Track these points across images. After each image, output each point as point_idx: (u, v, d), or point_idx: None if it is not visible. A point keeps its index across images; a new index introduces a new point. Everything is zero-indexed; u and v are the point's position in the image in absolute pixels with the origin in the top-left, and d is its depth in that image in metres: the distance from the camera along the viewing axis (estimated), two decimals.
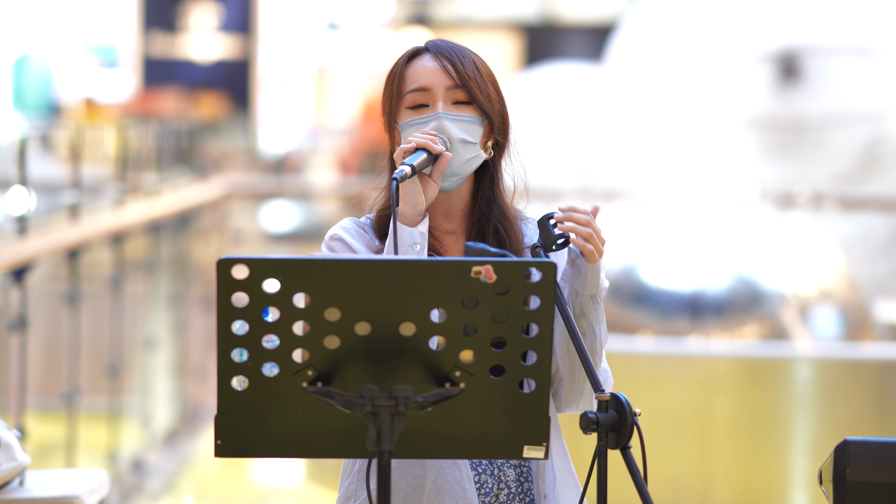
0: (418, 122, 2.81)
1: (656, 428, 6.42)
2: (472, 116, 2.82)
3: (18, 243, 5.82)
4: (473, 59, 2.86)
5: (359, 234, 2.85)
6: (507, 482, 2.78)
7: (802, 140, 11.69)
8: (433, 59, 2.84)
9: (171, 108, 17.21)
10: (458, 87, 2.82)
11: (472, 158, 2.81)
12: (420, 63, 2.85)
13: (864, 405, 6.60)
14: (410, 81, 2.83)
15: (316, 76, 21.42)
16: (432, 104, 2.82)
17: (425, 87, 2.82)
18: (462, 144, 2.80)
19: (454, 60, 2.84)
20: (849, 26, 11.84)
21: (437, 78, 2.83)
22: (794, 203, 10.10)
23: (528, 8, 21.56)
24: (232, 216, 13.01)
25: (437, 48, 2.86)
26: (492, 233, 2.84)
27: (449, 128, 2.79)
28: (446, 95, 2.82)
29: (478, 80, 2.83)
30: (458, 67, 2.83)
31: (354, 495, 2.79)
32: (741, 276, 7.75)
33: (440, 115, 2.80)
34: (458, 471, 2.74)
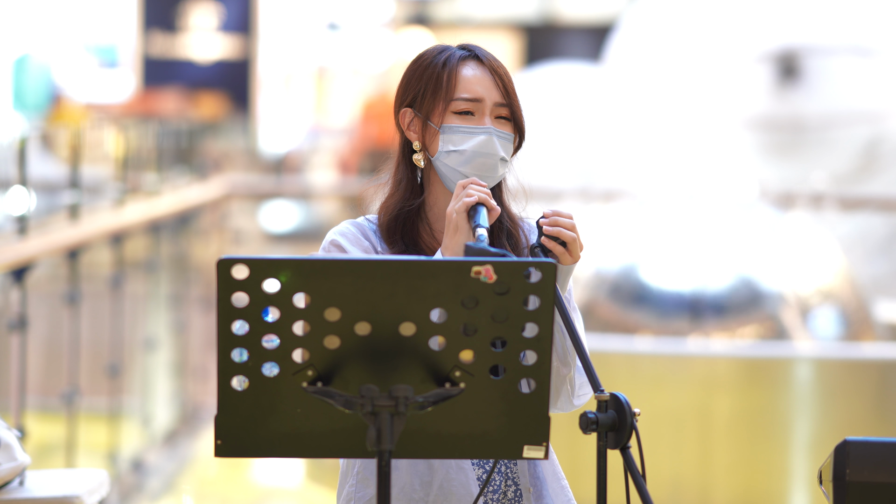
0: (466, 131, 2.80)
1: (656, 428, 6.42)
2: (509, 134, 2.83)
3: (18, 243, 5.83)
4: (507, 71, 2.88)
5: (357, 239, 2.83)
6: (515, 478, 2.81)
7: (802, 140, 11.69)
8: (485, 71, 2.84)
9: (171, 108, 17.21)
10: (504, 105, 2.82)
11: (501, 175, 2.84)
12: (472, 70, 2.84)
13: (864, 405, 6.60)
14: (463, 88, 2.82)
15: (316, 76, 21.42)
16: (480, 115, 2.81)
17: (477, 98, 2.81)
18: (502, 162, 2.82)
19: (503, 75, 2.84)
20: (848, 26, 11.84)
21: (489, 91, 2.82)
22: (793, 203, 10.10)
23: (527, 8, 21.56)
24: (232, 216, 13.01)
25: (486, 58, 2.85)
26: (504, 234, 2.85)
27: (496, 145, 2.80)
28: (493, 110, 2.82)
29: (516, 99, 2.85)
30: (507, 84, 2.84)
31: (356, 498, 2.79)
32: (741, 276, 7.75)
33: (491, 130, 2.81)
34: (463, 475, 2.74)
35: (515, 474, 2.80)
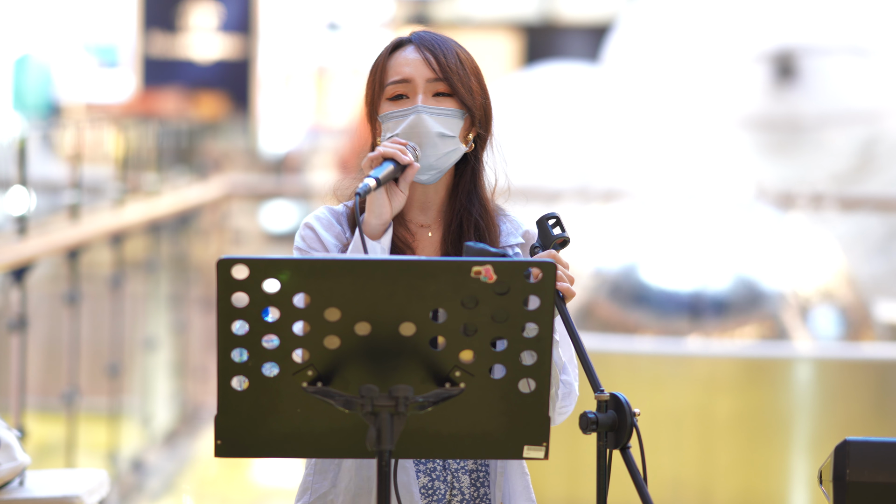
0: (397, 115, 2.79)
1: (656, 428, 6.42)
2: (451, 110, 2.79)
3: (18, 243, 5.83)
4: (457, 50, 2.83)
5: (331, 224, 2.82)
6: (461, 488, 2.77)
7: (799, 140, 11.69)
8: (416, 51, 2.81)
9: (171, 108, 17.21)
10: (440, 80, 2.79)
11: (451, 152, 2.79)
12: (402, 54, 2.82)
13: (864, 405, 6.60)
14: (392, 73, 2.81)
15: (316, 76, 21.42)
16: (412, 96, 2.79)
17: (406, 79, 2.80)
18: (440, 138, 2.77)
19: (436, 52, 2.80)
20: (845, 26, 11.84)
21: (418, 69, 2.80)
22: (793, 203, 10.10)
23: (527, 8, 21.55)
24: (232, 216, 13.01)
25: (420, 39, 2.83)
26: (472, 227, 2.82)
27: (427, 122, 2.77)
28: (427, 87, 2.79)
29: (460, 73, 2.80)
30: (440, 59, 2.80)
31: (312, 489, 2.80)
32: (741, 276, 7.75)
33: (419, 108, 2.78)
34: (405, 475, 2.73)
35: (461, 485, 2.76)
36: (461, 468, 2.76)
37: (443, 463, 2.76)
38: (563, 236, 2.71)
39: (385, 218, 2.74)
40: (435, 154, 2.78)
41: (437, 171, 2.80)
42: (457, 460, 2.76)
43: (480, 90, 2.83)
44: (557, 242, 2.71)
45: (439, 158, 2.78)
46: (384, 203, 2.74)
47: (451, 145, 2.79)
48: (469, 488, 2.77)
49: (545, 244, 2.71)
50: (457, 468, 2.76)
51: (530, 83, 13.28)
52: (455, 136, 2.79)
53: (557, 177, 11.64)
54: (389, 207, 2.74)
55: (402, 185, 2.75)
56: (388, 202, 2.74)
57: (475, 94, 2.81)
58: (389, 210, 2.74)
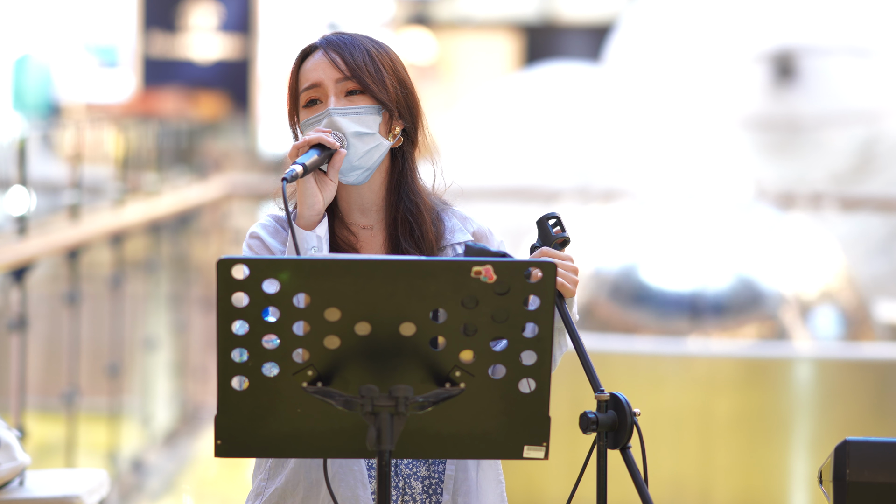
0: (312, 121, 2.77)
1: (656, 428, 6.42)
2: (364, 107, 2.76)
3: (18, 243, 5.83)
4: (367, 47, 2.79)
5: (276, 231, 2.81)
6: (413, 494, 2.74)
7: (799, 140, 11.69)
8: (323, 55, 2.79)
9: (171, 108, 17.21)
10: (348, 79, 2.76)
11: (373, 149, 2.76)
12: (311, 60, 2.80)
13: (864, 405, 6.60)
14: (303, 80, 2.80)
15: None
16: (325, 99, 2.77)
17: (315, 83, 2.77)
18: (357, 137, 2.74)
19: (342, 52, 2.78)
20: (845, 26, 11.84)
21: (325, 72, 2.77)
22: (793, 203, 10.10)
23: (527, 8, 21.55)
24: (232, 216, 13.00)
25: (326, 43, 2.81)
26: (402, 222, 2.79)
27: (340, 123, 2.74)
28: (337, 88, 2.77)
29: (369, 69, 2.77)
30: (346, 58, 2.77)
31: (264, 493, 2.78)
32: (741, 276, 7.75)
33: (329, 111, 2.75)
34: (352, 477, 2.70)
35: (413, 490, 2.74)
36: (413, 474, 2.73)
37: (395, 468, 2.74)
38: (564, 236, 2.71)
39: (318, 208, 2.72)
40: (356, 154, 2.74)
41: (363, 171, 2.76)
42: (409, 465, 2.73)
43: (397, 82, 2.79)
44: (558, 242, 2.71)
45: (361, 157, 2.75)
46: (314, 192, 2.72)
47: (372, 142, 2.75)
48: (421, 494, 2.75)
49: (545, 244, 2.70)
50: (409, 474, 2.73)
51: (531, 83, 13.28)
52: (374, 133, 2.75)
53: (557, 177, 11.64)
54: (321, 197, 2.72)
55: (332, 174, 2.72)
56: (318, 191, 2.72)
57: (389, 87, 2.78)
58: (321, 199, 2.72)
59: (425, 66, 21.31)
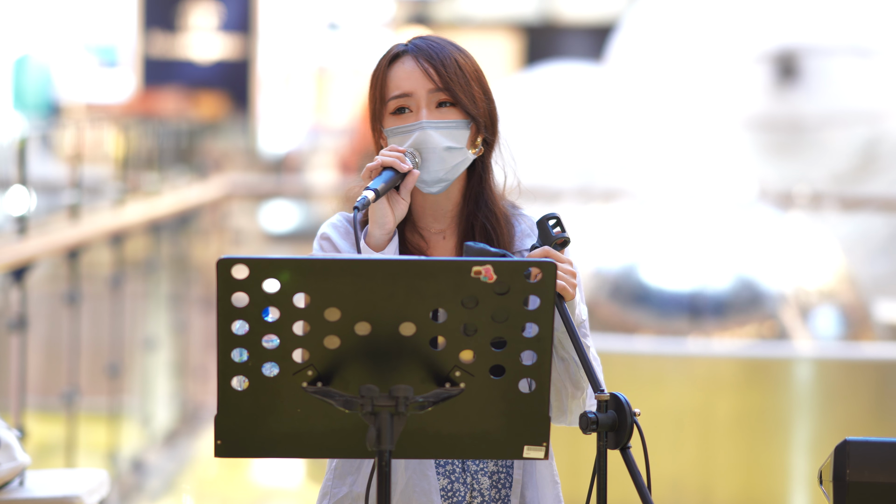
0: (402, 131, 2.76)
1: (656, 428, 6.42)
2: (456, 121, 2.76)
3: (18, 243, 5.83)
4: (456, 57, 2.78)
5: (347, 232, 2.80)
6: (481, 490, 2.75)
7: (801, 140, 11.69)
8: (414, 62, 2.77)
9: (171, 108, 17.21)
10: (440, 90, 2.75)
11: (459, 163, 2.76)
12: (401, 66, 2.78)
13: (864, 405, 6.60)
14: (393, 87, 2.77)
15: (316, 76, 21.42)
16: (416, 109, 2.76)
17: (407, 93, 2.76)
18: (447, 151, 2.74)
19: (435, 61, 2.76)
20: (847, 26, 11.84)
21: (418, 82, 2.76)
22: (793, 203, 10.10)
23: (528, 8, 21.56)
24: (232, 216, 13.01)
25: (416, 49, 2.78)
26: (479, 230, 2.79)
27: (433, 137, 2.74)
28: (429, 99, 2.75)
29: (461, 82, 2.76)
30: (439, 69, 2.75)
31: (330, 493, 2.79)
32: (741, 276, 7.75)
33: (423, 124, 2.74)
34: (426, 482, 2.71)
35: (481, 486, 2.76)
36: (480, 469, 2.75)
37: (462, 465, 2.75)
38: (564, 236, 2.71)
39: (388, 227, 2.72)
40: (443, 167, 2.75)
41: (446, 183, 2.77)
42: (476, 462, 2.75)
43: (483, 95, 2.79)
44: (558, 243, 2.71)
45: (448, 171, 2.76)
46: (386, 212, 2.71)
47: (460, 156, 2.76)
48: (489, 490, 2.76)
49: (545, 244, 2.70)
50: (476, 469, 2.75)
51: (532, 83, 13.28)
52: (462, 147, 2.76)
53: (558, 176, 11.64)
54: (392, 216, 2.72)
55: (404, 193, 2.72)
56: (390, 211, 2.72)
57: (478, 100, 2.78)
58: (392, 219, 2.72)
59: None
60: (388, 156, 2.71)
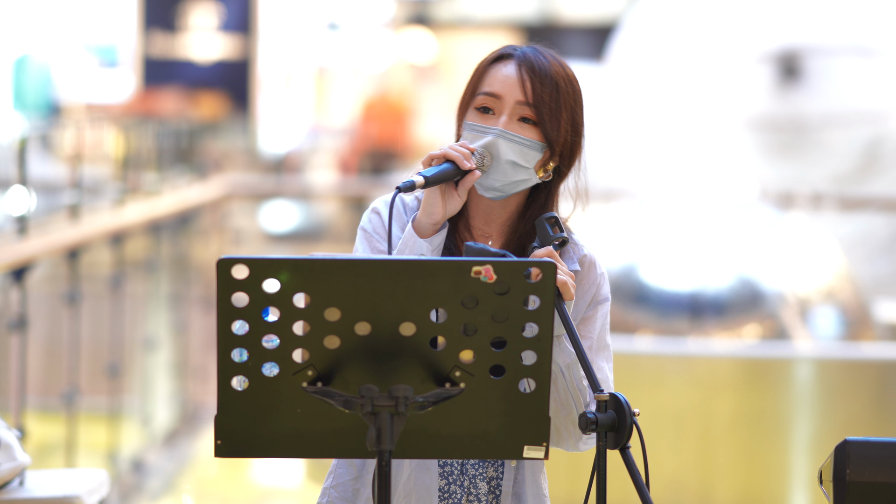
0: (478, 130, 2.73)
1: (656, 428, 6.42)
2: (531, 141, 2.73)
3: (18, 243, 5.83)
4: (558, 80, 2.75)
5: (398, 213, 2.79)
6: (478, 494, 2.75)
7: (803, 140, 11.69)
8: (515, 68, 2.75)
9: (171, 108, 17.21)
10: (528, 106, 2.72)
11: (520, 181, 2.74)
12: (502, 68, 2.76)
13: (864, 405, 6.60)
14: (486, 84, 2.75)
15: (316, 76, 21.42)
16: (498, 114, 2.73)
17: (496, 94, 2.74)
18: (512, 166, 2.72)
19: (534, 77, 2.73)
20: (849, 26, 11.84)
21: (511, 89, 2.73)
22: (793, 203, 10.11)
23: (528, 8, 21.55)
24: (232, 216, 13.01)
25: (523, 57, 2.75)
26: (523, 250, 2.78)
27: (502, 147, 2.72)
28: (514, 109, 2.73)
29: (551, 105, 2.73)
30: (535, 86, 2.73)
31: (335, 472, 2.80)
32: (741, 276, 7.75)
33: (499, 132, 2.72)
34: (429, 477, 2.72)
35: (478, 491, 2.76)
36: (479, 474, 2.75)
37: (461, 467, 2.75)
38: (562, 236, 2.71)
39: (436, 218, 2.70)
40: (502, 179, 2.73)
41: (502, 194, 2.75)
42: (475, 466, 2.75)
43: (570, 125, 2.75)
44: (556, 243, 2.71)
45: (505, 184, 2.74)
46: (437, 203, 2.70)
47: (523, 175, 2.74)
48: (486, 496, 2.76)
49: (544, 244, 2.71)
50: (475, 474, 2.75)
51: None
52: (529, 168, 2.74)
53: None
54: (442, 209, 2.70)
55: (461, 191, 2.71)
56: (441, 203, 2.70)
57: (562, 129, 2.74)
58: (442, 212, 2.70)
59: (425, 66, 21.31)
60: (455, 150, 2.70)
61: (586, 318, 2.79)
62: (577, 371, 2.68)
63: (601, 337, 2.80)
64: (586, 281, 2.80)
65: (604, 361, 2.79)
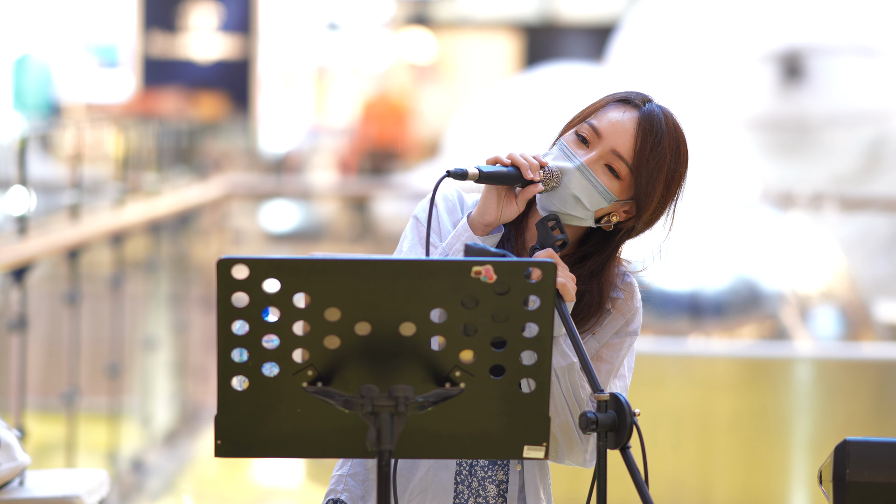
0: (565, 152, 2.71)
1: (656, 428, 6.42)
2: (605, 190, 2.70)
3: (18, 243, 5.83)
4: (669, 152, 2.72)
5: (454, 209, 2.78)
6: (486, 497, 2.76)
7: (805, 140, 11.69)
8: (634, 124, 2.71)
9: (171, 108, 17.21)
10: (623, 162, 2.69)
11: (575, 218, 2.71)
12: (621, 114, 2.73)
13: (864, 405, 6.60)
14: (598, 117, 2.72)
15: (316, 76, 21.42)
16: (591, 149, 2.70)
17: (600, 133, 2.71)
18: (573, 200, 2.69)
19: (647, 140, 2.70)
20: (852, 26, 11.84)
21: (615, 136, 2.70)
22: (794, 203, 10.11)
23: (528, 8, 21.55)
24: (232, 216, 13.01)
25: (646, 116, 2.72)
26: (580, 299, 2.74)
27: (574, 180, 2.69)
28: (607, 157, 2.70)
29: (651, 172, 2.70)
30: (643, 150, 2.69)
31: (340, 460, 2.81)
32: (741, 276, 7.75)
33: (580, 164, 2.69)
34: (447, 474, 2.73)
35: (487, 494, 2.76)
36: (488, 476, 2.76)
37: (469, 469, 2.75)
38: (563, 238, 2.71)
39: (488, 219, 2.69)
40: (559, 207, 2.70)
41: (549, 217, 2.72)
42: (485, 468, 2.75)
43: (662, 198, 2.73)
44: (557, 244, 2.71)
45: (560, 213, 2.71)
46: (492, 204, 2.69)
47: (580, 213, 2.71)
48: (496, 499, 2.76)
49: (544, 245, 2.71)
50: (484, 476, 2.75)
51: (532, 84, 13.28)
52: (589, 210, 2.70)
53: None
54: (496, 211, 2.69)
55: (520, 199, 2.69)
56: (496, 205, 2.69)
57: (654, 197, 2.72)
58: (495, 213, 2.69)
59: (425, 66, 21.31)
60: (524, 158, 2.67)
61: (611, 344, 2.76)
62: (574, 378, 2.67)
63: (622, 366, 2.78)
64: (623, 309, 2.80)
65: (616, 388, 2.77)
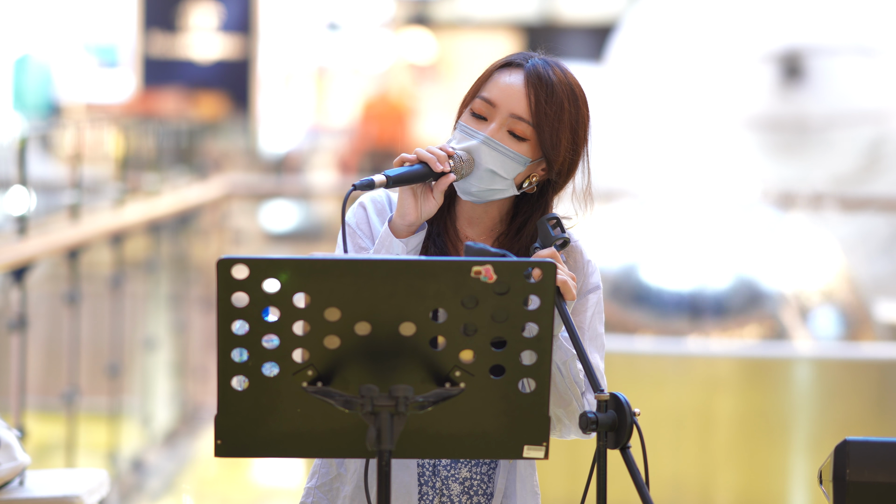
0: (467, 132, 2.71)
1: (656, 428, 6.42)
2: (515, 154, 2.69)
3: (18, 243, 5.83)
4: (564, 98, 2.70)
5: (384, 210, 2.78)
6: (451, 496, 2.75)
7: (805, 140, 11.69)
8: (522, 83, 2.70)
9: (171, 108, 17.20)
10: (524, 122, 2.69)
11: (497, 191, 2.71)
12: (508, 76, 2.72)
13: (864, 405, 6.60)
14: (487, 88, 2.72)
15: (316, 76, 21.42)
16: (490, 121, 2.70)
17: (493, 102, 2.70)
18: (490, 174, 2.70)
19: (539, 94, 2.69)
20: (852, 26, 11.84)
21: (508, 100, 2.70)
22: (794, 203, 10.10)
23: (528, 8, 21.55)
24: (232, 216, 13.01)
25: (532, 72, 2.70)
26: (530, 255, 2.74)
27: (484, 155, 2.69)
28: (507, 121, 2.69)
29: (553, 125, 2.68)
30: (539, 104, 2.68)
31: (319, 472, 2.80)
32: (741, 276, 7.75)
33: (484, 138, 2.69)
34: (408, 475, 2.72)
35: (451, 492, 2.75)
36: (451, 476, 2.75)
37: (432, 468, 2.75)
38: (563, 237, 2.71)
39: (409, 220, 2.68)
40: (479, 185, 2.71)
41: (477, 199, 2.73)
42: (447, 467, 2.75)
43: (571, 146, 2.71)
44: (557, 243, 2.71)
45: (482, 191, 2.71)
46: (409, 204, 2.68)
47: (500, 185, 2.71)
48: (460, 496, 2.75)
49: (545, 244, 2.70)
50: (447, 475, 2.75)
51: None
52: (508, 179, 2.70)
53: None
54: (416, 211, 2.69)
55: (436, 193, 2.69)
56: (414, 205, 2.68)
57: (562, 148, 2.70)
58: (415, 213, 2.69)
59: (425, 66, 21.31)
60: (429, 152, 2.68)
61: (576, 308, 2.77)
62: (574, 365, 2.67)
63: (592, 326, 2.78)
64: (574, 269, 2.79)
65: (594, 351, 2.77)
